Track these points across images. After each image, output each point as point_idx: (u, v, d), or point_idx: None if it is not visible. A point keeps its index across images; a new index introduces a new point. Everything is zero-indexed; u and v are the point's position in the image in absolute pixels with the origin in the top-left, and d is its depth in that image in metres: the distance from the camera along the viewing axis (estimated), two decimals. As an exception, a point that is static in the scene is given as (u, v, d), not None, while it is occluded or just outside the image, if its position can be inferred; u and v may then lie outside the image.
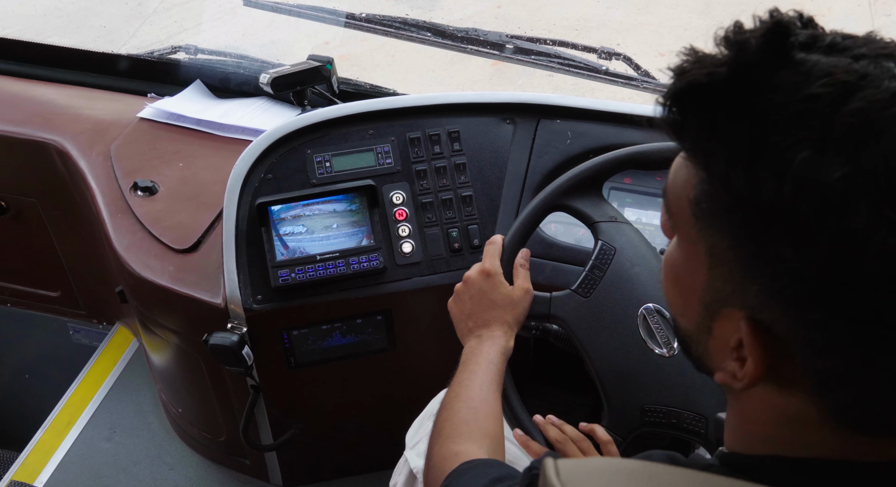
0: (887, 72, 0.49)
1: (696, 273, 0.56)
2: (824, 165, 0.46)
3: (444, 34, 1.63)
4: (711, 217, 0.53)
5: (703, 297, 0.56)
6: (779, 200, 0.48)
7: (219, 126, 1.66)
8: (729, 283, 0.53)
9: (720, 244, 0.53)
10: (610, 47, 1.58)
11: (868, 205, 0.46)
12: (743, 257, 0.51)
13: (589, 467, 0.46)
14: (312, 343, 1.43)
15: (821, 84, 0.48)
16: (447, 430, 0.94)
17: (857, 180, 0.46)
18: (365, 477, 1.73)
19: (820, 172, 0.46)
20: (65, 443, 1.84)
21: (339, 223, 1.37)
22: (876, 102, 0.47)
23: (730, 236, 0.52)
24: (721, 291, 0.54)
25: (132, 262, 1.44)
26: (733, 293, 0.53)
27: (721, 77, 0.50)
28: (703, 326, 0.57)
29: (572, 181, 1.14)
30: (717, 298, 0.55)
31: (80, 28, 3.69)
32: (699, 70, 0.51)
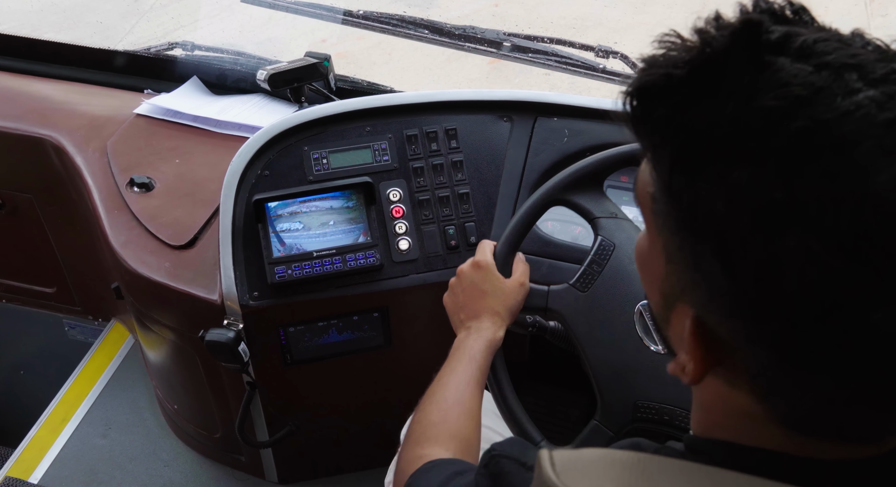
0: (844, 87, 0.45)
1: (656, 264, 0.56)
2: (758, 185, 0.45)
3: (441, 32, 1.63)
4: (664, 216, 0.52)
5: (662, 288, 0.56)
6: (711, 215, 0.47)
7: (216, 123, 1.66)
8: (681, 280, 0.53)
9: (672, 243, 0.53)
10: (607, 46, 1.58)
11: (796, 233, 0.44)
12: (689, 259, 0.51)
13: (584, 458, 0.46)
14: (309, 340, 1.43)
15: (774, 96, 0.46)
16: (416, 433, 0.94)
17: (788, 207, 0.44)
18: (360, 474, 1.73)
19: (753, 193, 0.45)
20: (60, 439, 1.83)
21: (335, 220, 1.37)
22: (822, 122, 0.44)
23: (679, 237, 0.51)
24: (675, 286, 0.54)
25: (128, 258, 1.44)
26: (684, 291, 0.53)
27: (677, 79, 0.49)
28: (664, 315, 0.58)
29: (574, 176, 1.15)
30: (672, 291, 0.55)
31: (76, 24, 3.68)
32: (657, 69, 0.50)
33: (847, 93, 0.45)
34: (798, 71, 0.46)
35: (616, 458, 0.47)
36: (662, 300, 0.57)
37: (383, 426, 1.45)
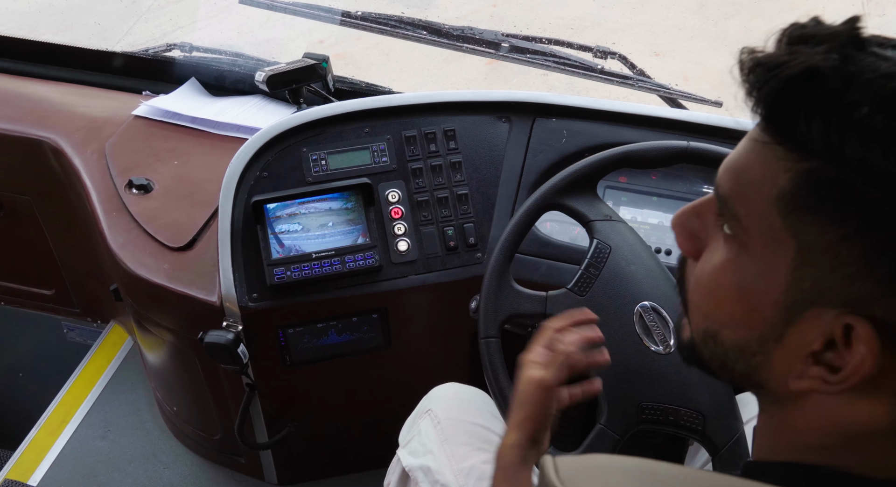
0: None
1: (772, 276, 0.53)
2: None
3: (439, 33, 1.63)
4: (814, 210, 0.50)
5: (783, 300, 0.53)
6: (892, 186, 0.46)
7: (214, 124, 1.66)
8: (825, 279, 0.50)
9: (823, 238, 0.50)
10: (605, 46, 1.58)
11: None
12: (861, 245, 0.48)
13: (588, 464, 0.46)
14: (308, 342, 1.43)
15: None
16: None
17: None
18: (360, 476, 1.73)
19: None
20: (59, 442, 1.83)
21: (334, 221, 1.37)
22: None
23: (842, 227, 0.49)
24: (810, 290, 0.51)
25: (127, 260, 1.44)
26: (829, 290, 0.50)
27: (835, 61, 0.49)
28: (771, 334, 0.54)
29: (567, 180, 1.15)
30: (802, 299, 0.52)
31: (73, 26, 3.68)
32: (808, 57, 0.50)
33: None
34: None
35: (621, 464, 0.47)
36: (780, 316, 0.53)
37: (383, 427, 1.45)
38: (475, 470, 1.10)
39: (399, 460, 1.20)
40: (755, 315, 0.55)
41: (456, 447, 1.14)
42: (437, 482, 1.11)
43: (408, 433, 1.23)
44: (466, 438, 1.15)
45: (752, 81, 0.51)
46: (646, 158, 1.14)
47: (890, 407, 0.50)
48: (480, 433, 1.16)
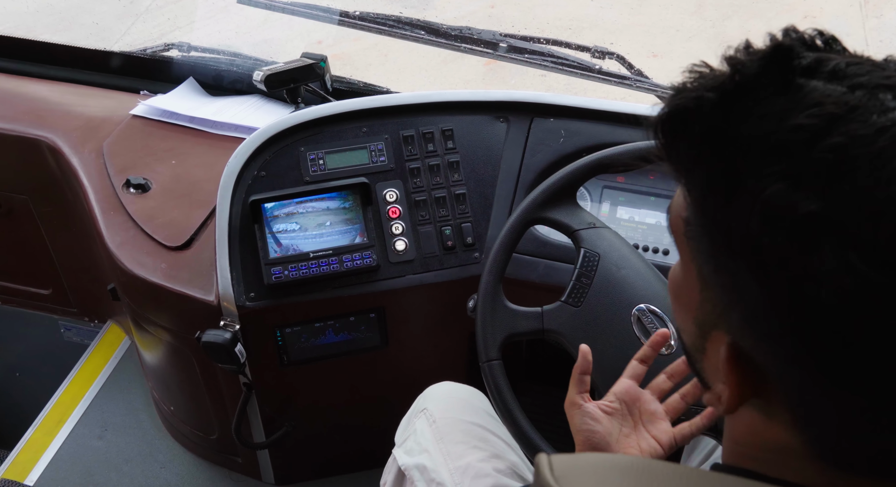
0: (880, 105, 0.46)
1: (691, 292, 0.56)
2: (793, 199, 0.45)
3: (437, 33, 1.63)
4: (698, 239, 0.52)
5: (697, 317, 0.56)
6: (747, 233, 0.47)
7: (212, 124, 1.66)
8: (717, 306, 0.52)
9: (708, 267, 0.52)
10: (603, 47, 1.58)
11: (833, 247, 0.44)
12: (725, 282, 0.51)
13: (582, 462, 0.46)
14: (305, 341, 1.43)
15: (807, 114, 0.46)
16: None
17: (824, 221, 0.44)
18: (357, 475, 1.73)
19: (788, 207, 0.45)
20: (56, 441, 1.83)
21: (332, 221, 1.37)
22: (857, 137, 0.45)
23: (714, 260, 0.51)
24: (711, 313, 0.54)
25: (124, 259, 1.44)
26: (720, 317, 0.52)
27: (709, 103, 0.50)
28: (698, 344, 0.57)
29: (546, 194, 1.15)
30: (707, 319, 0.54)
31: (71, 25, 3.68)
32: (689, 94, 0.51)
33: (882, 111, 0.45)
34: (832, 91, 0.47)
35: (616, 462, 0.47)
36: (697, 330, 0.56)
37: (380, 426, 1.45)
38: (471, 469, 1.11)
39: (395, 459, 1.20)
40: (686, 324, 0.58)
41: (451, 445, 1.14)
42: (433, 480, 1.11)
43: (403, 432, 1.23)
44: (462, 436, 1.15)
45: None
46: (619, 162, 1.14)
47: (791, 434, 0.52)
48: (476, 431, 1.16)
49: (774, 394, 0.51)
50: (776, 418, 0.52)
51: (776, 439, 0.53)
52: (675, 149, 0.52)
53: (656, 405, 0.94)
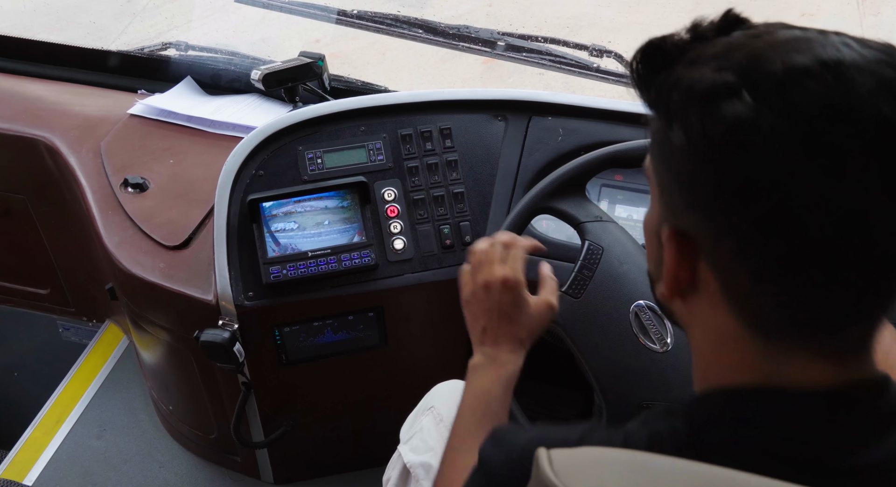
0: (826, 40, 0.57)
1: (654, 207, 0.67)
2: (718, 75, 0.57)
3: (435, 31, 1.63)
4: (655, 151, 0.64)
5: (655, 226, 0.66)
6: (673, 112, 0.59)
7: (210, 123, 1.66)
8: (668, 203, 0.63)
9: (658, 172, 0.64)
10: (601, 45, 1.58)
11: (748, 101, 0.55)
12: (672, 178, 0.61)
13: (583, 457, 0.46)
14: (304, 340, 1.43)
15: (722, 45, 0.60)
16: (457, 440, 0.94)
17: (738, 85, 0.56)
18: (356, 474, 1.73)
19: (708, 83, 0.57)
20: (54, 441, 1.83)
21: (330, 220, 1.37)
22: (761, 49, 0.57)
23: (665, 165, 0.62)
24: (661, 213, 0.64)
25: (122, 259, 1.44)
26: (668, 212, 0.63)
27: (681, 39, 0.63)
28: (658, 259, 0.65)
29: (555, 184, 1.15)
30: (660, 221, 0.64)
31: (69, 25, 3.67)
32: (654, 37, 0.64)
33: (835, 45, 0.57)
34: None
35: (616, 457, 0.47)
36: (656, 239, 0.65)
37: (379, 425, 1.45)
38: (475, 469, 1.10)
39: (400, 456, 1.20)
40: (650, 245, 0.69)
41: None
42: (437, 480, 1.11)
43: (409, 429, 1.23)
44: None
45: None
46: (632, 158, 1.14)
47: (732, 313, 0.60)
48: None
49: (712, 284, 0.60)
50: (715, 300, 0.61)
51: (720, 324, 0.61)
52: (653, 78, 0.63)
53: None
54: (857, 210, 0.53)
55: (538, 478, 0.46)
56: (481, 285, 1.00)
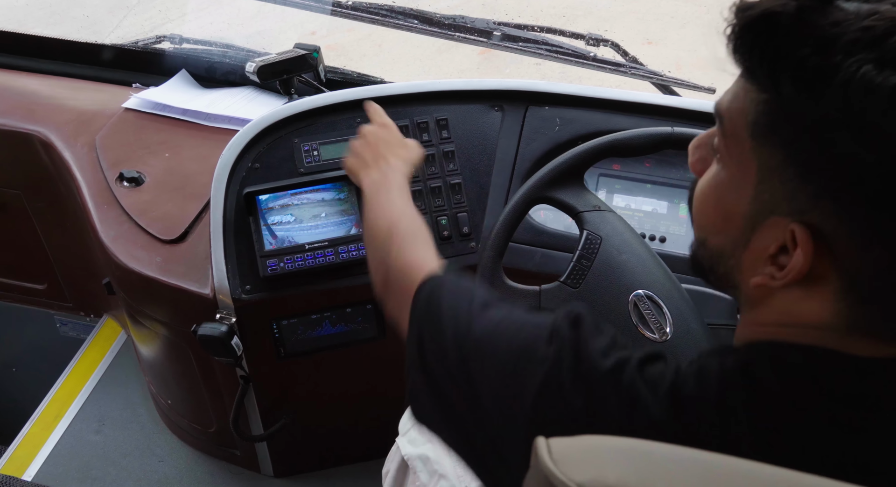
0: None
1: (742, 189, 0.63)
2: (884, 75, 0.54)
3: (431, 22, 1.62)
4: (768, 135, 0.60)
5: (748, 211, 0.63)
6: (846, 107, 0.55)
7: (205, 116, 1.65)
8: (778, 193, 0.61)
9: (774, 159, 0.60)
10: (598, 34, 1.57)
11: None
12: (799, 165, 0.59)
13: (582, 444, 0.46)
14: (302, 333, 1.43)
15: (872, 19, 0.56)
16: (397, 243, 0.94)
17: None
18: (356, 466, 1.73)
19: (882, 80, 0.54)
20: (53, 436, 1.83)
21: (327, 212, 1.36)
22: None
23: (784, 150, 0.60)
24: (768, 202, 0.62)
25: (119, 253, 1.43)
26: (781, 202, 0.61)
27: (791, 8, 0.58)
28: (741, 240, 0.65)
29: (553, 173, 1.14)
30: (762, 209, 0.62)
31: (62, 19, 3.65)
32: (769, 4, 0.59)
33: None
34: (878, 7, 0.58)
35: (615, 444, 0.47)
36: (746, 223, 0.64)
37: (378, 417, 1.45)
38: (472, 461, 1.10)
39: (398, 448, 1.20)
40: (729, 224, 0.66)
41: None
42: (436, 472, 1.11)
43: (407, 422, 1.23)
44: None
45: (728, 21, 0.61)
46: (631, 146, 1.13)
47: (829, 304, 0.61)
48: None
49: (827, 265, 0.60)
50: (820, 290, 0.61)
51: (809, 314, 0.62)
52: (760, 50, 0.59)
53: None
54: None
55: (537, 468, 0.45)
56: (361, 135, 1.14)
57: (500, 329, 0.74)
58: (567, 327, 0.69)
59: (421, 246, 0.94)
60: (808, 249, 0.59)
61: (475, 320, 0.76)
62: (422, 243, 0.94)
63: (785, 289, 0.62)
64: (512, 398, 0.68)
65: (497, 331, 0.73)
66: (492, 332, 0.74)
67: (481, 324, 0.75)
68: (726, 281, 0.69)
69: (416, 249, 0.93)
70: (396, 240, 0.94)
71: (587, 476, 0.43)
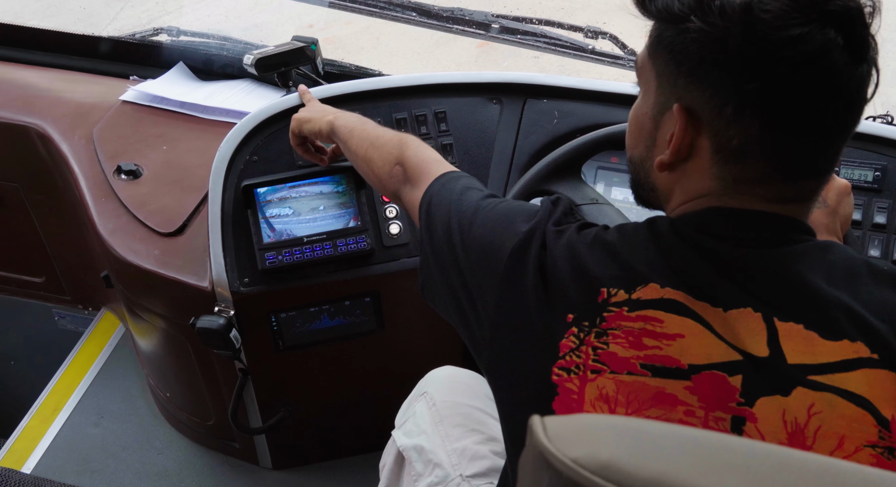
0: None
1: (647, 100, 0.78)
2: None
3: (429, 14, 1.61)
4: (656, 48, 0.75)
5: (651, 113, 0.77)
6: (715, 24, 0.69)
7: (203, 108, 1.65)
8: (667, 90, 0.75)
9: (660, 62, 0.75)
10: (596, 27, 1.57)
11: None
12: (673, 58, 0.73)
13: (576, 422, 0.46)
14: (300, 326, 1.43)
15: None
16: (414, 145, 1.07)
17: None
18: (355, 459, 1.73)
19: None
20: (52, 429, 1.83)
21: (325, 205, 1.36)
22: None
23: (665, 52, 0.74)
24: (664, 102, 0.75)
25: (117, 246, 1.43)
26: (671, 97, 0.74)
27: None
28: (650, 140, 0.78)
29: (551, 166, 1.14)
30: (661, 109, 0.76)
31: (59, 11, 3.64)
32: None
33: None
34: None
35: (610, 422, 0.47)
36: (651, 123, 0.78)
37: (377, 410, 1.45)
38: (468, 451, 1.11)
39: (394, 440, 1.20)
40: (642, 132, 0.80)
41: (450, 428, 1.14)
42: (431, 461, 1.12)
43: (403, 414, 1.24)
44: (461, 420, 1.15)
45: None
46: None
47: (709, 175, 0.74)
48: (475, 415, 1.16)
49: (703, 140, 0.73)
50: (700, 167, 0.74)
51: (699, 186, 0.75)
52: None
53: None
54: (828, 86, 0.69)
55: (532, 446, 0.46)
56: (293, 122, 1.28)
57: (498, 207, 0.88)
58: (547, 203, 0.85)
59: (436, 153, 1.06)
60: (683, 122, 0.73)
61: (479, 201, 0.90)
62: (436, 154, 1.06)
63: (679, 173, 0.76)
64: (494, 253, 0.82)
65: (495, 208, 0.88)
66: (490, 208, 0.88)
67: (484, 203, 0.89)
68: (647, 186, 0.82)
69: (433, 154, 1.05)
70: (412, 143, 1.07)
71: (581, 452, 0.44)
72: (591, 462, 0.43)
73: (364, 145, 1.13)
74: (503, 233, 0.83)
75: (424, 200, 0.97)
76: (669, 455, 0.44)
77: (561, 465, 0.44)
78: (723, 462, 0.44)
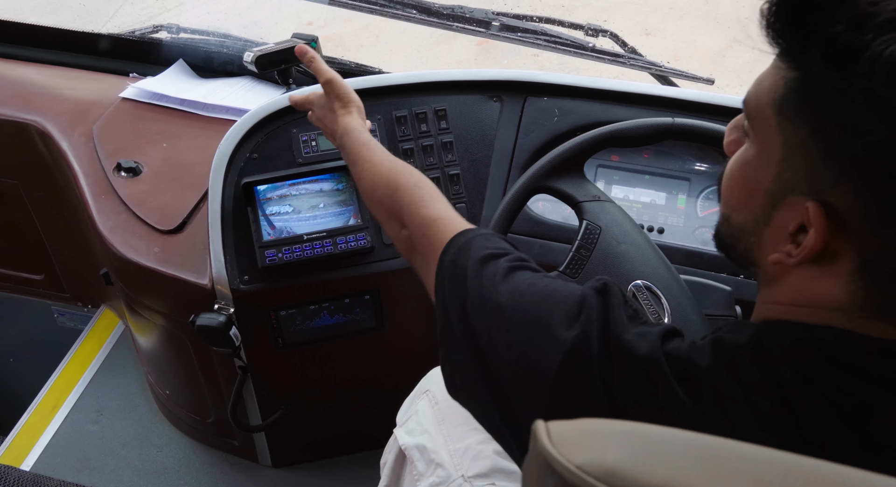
0: None
1: (766, 167, 0.65)
2: None
3: (429, 12, 1.61)
4: (795, 112, 0.61)
5: (770, 188, 0.65)
6: (870, 84, 0.56)
7: (203, 106, 1.65)
8: (800, 171, 0.62)
9: (798, 135, 0.61)
10: (596, 24, 1.57)
11: None
12: (821, 141, 0.60)
13: (580, 427, 0.46)
14: (300, 324, 1.43)
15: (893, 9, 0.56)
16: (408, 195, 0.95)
17: None
18: (354, 457, 1.73)
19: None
20: (51, 426, 1.83)
21: (325, 203, 1.36)
22: None
23: (810, 126, 0.60)
24: (790, 180, 0.63)
25: (117, 243, 1.43)
26: (802, 180, 0.62)
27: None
28: (763, 216, 0.66)
29: (553, 163, 1.14)
30: (784, 187, 0.63)
31: (58, 8, 3.64)
32: None
33: None
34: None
35: (614, 427, 0.47)
36: (768, 200, 0.65)
37: (376, 408, 1.45)
38: (470, 450, 1.11)
39: (396, 439, 1.20)
40: (753, 201, 0.67)
41: (452, 427, 1.14)
42: (433, 461, 1.12)
43: (406, 412, 1.23)
44: (463, 419, 1.15)
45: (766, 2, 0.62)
46: (631, 137, 1.13)
47: (843, 285, 0.62)
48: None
49: (842, 244, 0.61)
50: (835, 269, 0.62)
51: (823, 293, 0.63)
52: (791, 29, 0.60)
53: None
54: None
55: (536, 451, 0.46)
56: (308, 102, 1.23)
57: (525, 297, 0.73)
58: (594, 295, 0.71)
59: (436, 201, 0.93)
60: (821, 226, 0.60)
61: (499, 284, 0.76)
62: (437, 198, 0.93)
63: (801, 268, 0.64)
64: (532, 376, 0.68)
65: (521, 299, 0.73)
66: (516, 300, 0.73)
67: (506, 289, 0.75)
68: (746, 258, 0.71)
69: (433, 203, 0.92)
70: (406, 194, 0.94)
71: (585, 458, 0.44)
72: (595, 468, 0.43)
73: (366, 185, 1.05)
74: (540, 347, 0.68)
75: (438, 287, 0.83)
76: (675, 461, 0.44)
77: (565, 471, 0.43)
78: (729, 468, 0.43)
